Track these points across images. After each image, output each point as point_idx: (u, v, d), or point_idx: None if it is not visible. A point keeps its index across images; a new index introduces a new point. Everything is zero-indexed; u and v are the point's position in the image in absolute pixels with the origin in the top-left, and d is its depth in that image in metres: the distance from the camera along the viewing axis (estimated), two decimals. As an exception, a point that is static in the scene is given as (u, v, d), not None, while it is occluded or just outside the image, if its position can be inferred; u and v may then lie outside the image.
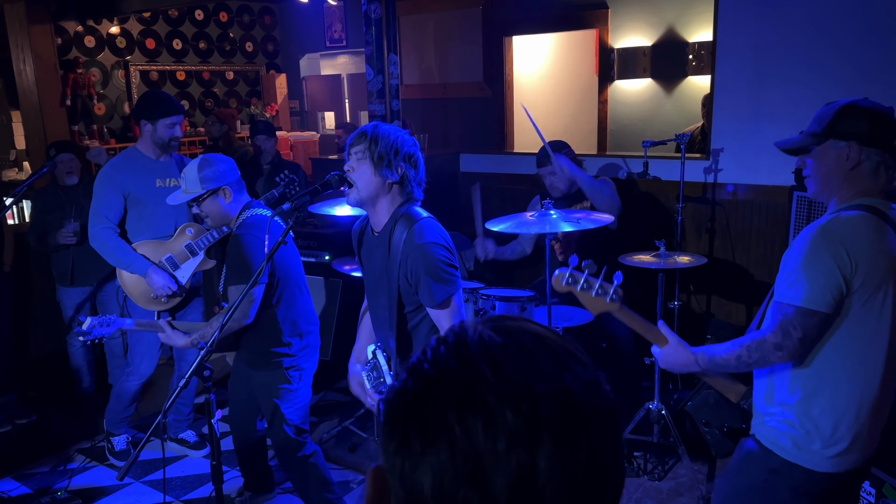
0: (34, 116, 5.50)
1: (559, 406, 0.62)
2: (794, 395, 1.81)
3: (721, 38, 3.91)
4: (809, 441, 1.79)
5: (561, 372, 0.65)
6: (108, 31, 7.00)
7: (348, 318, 4.04)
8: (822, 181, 1.83)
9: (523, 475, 0.60)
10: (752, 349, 1.77)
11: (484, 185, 4.98)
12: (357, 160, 2.15)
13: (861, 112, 1.78)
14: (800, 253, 1.74)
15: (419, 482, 0.62)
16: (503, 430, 0.60)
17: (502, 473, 0.60)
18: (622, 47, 6.07)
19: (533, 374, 0.64)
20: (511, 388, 0.62)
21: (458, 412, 0.61)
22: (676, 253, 3.33)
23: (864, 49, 3.48)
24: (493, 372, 0.63)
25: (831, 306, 1.71)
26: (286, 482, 3.36)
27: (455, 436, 0.61)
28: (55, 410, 4.32)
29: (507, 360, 0.64)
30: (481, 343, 0.66)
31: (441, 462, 0.61)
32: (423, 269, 2.11)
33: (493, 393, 0.62)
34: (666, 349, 1.91)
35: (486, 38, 5.65)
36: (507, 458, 0.60)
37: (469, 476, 0.60)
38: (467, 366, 0.64)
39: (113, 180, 3.33)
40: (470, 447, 0.60)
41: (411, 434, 0.63)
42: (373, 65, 4.00)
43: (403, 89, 5.31)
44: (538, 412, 0.61)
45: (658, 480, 3.31)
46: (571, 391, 0.64)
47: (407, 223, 2.15)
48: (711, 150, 4.04)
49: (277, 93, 8.06)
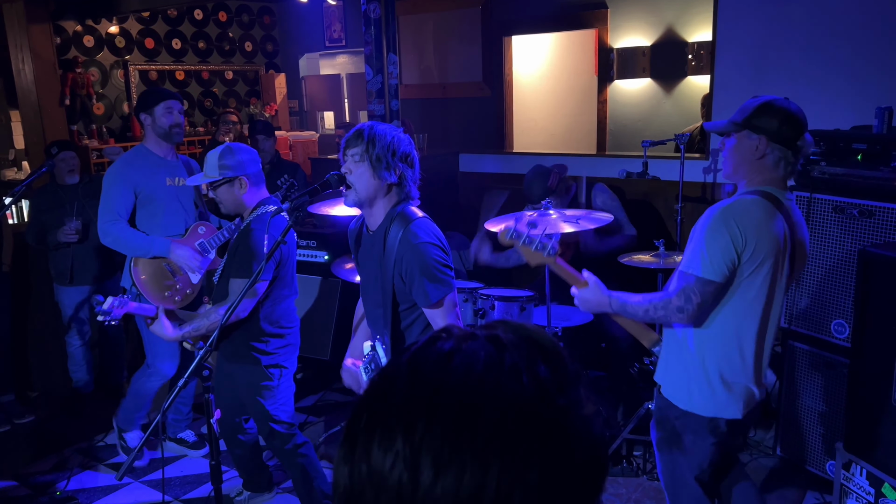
0: (33, 116, 5.49)
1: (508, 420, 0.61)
2: (690, 350, 2.10)
3: (720, 38, 3.91)
4: (702, 391, 2.09)
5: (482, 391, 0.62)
6: (107, 30, 6.99)
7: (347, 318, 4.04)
8: (734, 165, 2.10)
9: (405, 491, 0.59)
10: (658, 308, 2.05)
11: (483, 185, 5.00)
12: (354, 162, 2.14)
13: (776, 111, 2.02)
14: (703, 229, 2.00)
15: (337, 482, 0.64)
16: (391, 449, 0.60)
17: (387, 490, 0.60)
18: (621, 47, 6.07)
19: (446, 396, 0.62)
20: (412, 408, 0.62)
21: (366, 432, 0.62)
22: (675, 253, 3.33)
23: (863, 48, 3.48)
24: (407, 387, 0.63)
25: (725, 276, 1.99)
26: (285, 482, 3.36)
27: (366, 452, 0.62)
28: (54, 410, 4.32)
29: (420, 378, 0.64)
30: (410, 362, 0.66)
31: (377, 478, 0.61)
32: (417, 269, 2.11)
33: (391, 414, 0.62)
34: (584, 290, 2.14)
35: (485, 38, 5.65)
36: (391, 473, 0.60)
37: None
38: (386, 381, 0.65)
39: (125, 176, 3.28)
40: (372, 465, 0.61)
41: (356, 448, 0.63)
42: (372, 64, 4.00)
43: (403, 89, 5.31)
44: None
45: (657, 480, 3.31)
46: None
47: (402, 223, 2.15)
48: (711, 150, 4.04)
49: (277, 92, 8.05)
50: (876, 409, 2.48)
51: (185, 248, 3.26)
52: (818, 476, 3.18)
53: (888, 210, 2.81)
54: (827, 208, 3.00)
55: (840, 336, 3.01)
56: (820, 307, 3.08)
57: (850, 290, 2.87)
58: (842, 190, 2.95)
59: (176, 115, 3.36)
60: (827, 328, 3.07)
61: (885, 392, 2.44)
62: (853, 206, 2.92)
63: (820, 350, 3.10)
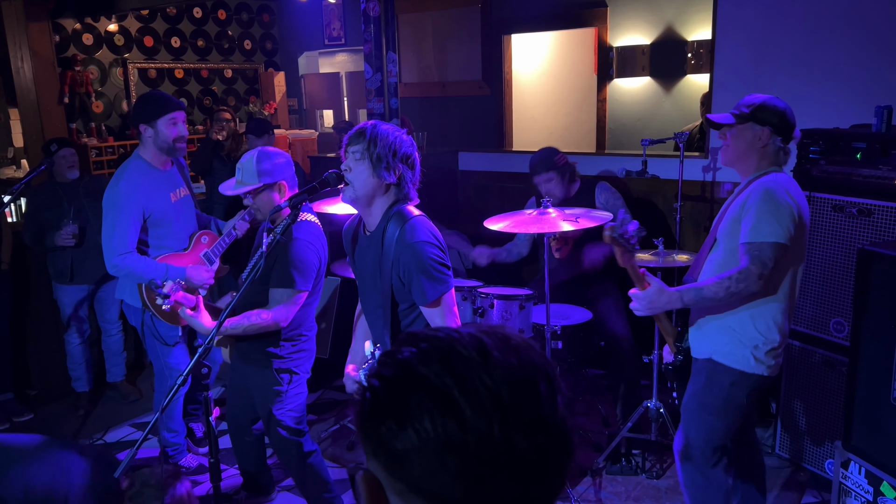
0: (32, 114, 5.49)
1: (500, 340, 0.74)
2: (742, 317, 2.33)
3: (720, 37, 3.91)
4: (759, 352, 2.34)
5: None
6: (106, 28, 6.99)
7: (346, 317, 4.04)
8: (738, 153, 2.36)
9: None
10: (739, 280, 2.20)
11: (482, 184, 5.00)
12: (355, 160, 2.14)
13: (775, 108, 2.33)
14: (763, 203, 2.23)
15: (413, 474, 0.69)
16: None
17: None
18: (621, 46, 6.06)
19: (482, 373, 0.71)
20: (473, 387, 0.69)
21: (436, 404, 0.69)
22: (675, 251, 3.33)
23: (862, 47, 3.48)
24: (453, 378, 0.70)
25: (791, 240, 2.21)
26: (285, 480, 3.36)
27: (426, 431, 0.68)
28: (53, 409, 4.32)
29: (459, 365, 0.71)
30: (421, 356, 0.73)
31: (424, 454, 0.68)
32: (415, 268, 2.10)
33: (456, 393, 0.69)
34: (650, 291, 2.29)
35: (484, 37, 5.64)
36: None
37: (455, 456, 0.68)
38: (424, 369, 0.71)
39: (135, 203, 3.03)
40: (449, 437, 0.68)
41: (385, 432, 0.70)
42: (371, 63, 4.00)
43: (402, 87, 5.30)
44: (484, 345, 0.72)
45: (656, 479, 3.31)
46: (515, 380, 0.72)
47: (399, 222, 2.15)
48: (710, 148, 4.04)
49: (276, 91, 8.05)
50: (874, 408, 2.48)
51: (199, 270, 3.12)
52: (817, 474, 3.19)
53: (887, 209, 2.81)
54: (826, 207, 3.00)
55: (839, 334, 3.02)
56: (819, 306, 3.08)
57: (849, 289, 2.87)
58: (841, 188, 2.95)
59: (181, 126, 3.13)
60: (826, 327, 3.07)
61: (883, 391, 2.44)
62: (852, 205, 2.92)
63: (819, 348, 3.10)
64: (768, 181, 2.29)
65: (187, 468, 3.51)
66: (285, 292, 2.59)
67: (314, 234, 2.67)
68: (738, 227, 2.29)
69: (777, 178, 2.30)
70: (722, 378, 2.40)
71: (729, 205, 2.42)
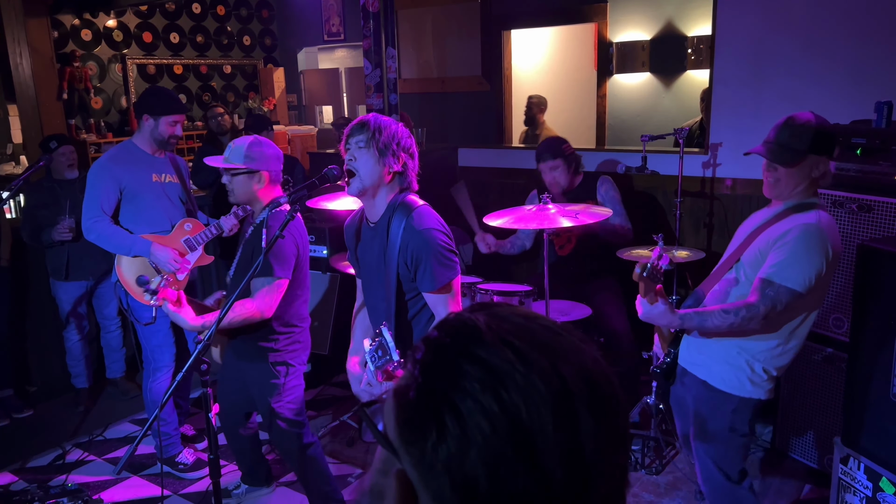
0: (31, 110, 5.48)
1: (583, 381, 0.63)
2: (747, 346, 2.26)
3: (720, 33, 3.90)
4: (755, 377, 2.28)
5: (566, 349, 0.66)
6: (105, 24, 6.97)
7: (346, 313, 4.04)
8: (795, 187, 2.20)
9: (571, 447, 0.60)
10: (745, 317, 2.14)
11: (482, 180, 4.99)
12: (359, 149, 2.15)
13: (829, 132, 2.17)
14: (799, 245, 2.12)
15: (471, 471, 0.59)
16: (545, 404, 0.59)
17: (552, 449, 0.59)
18: (621, 41, 6.06)
19: (547, 351, 0.63)
20: (536, 365, 0.61)
21: (493, 392, 0.60)
22: (675, 247, 3.33)
23: (862, 42, 3.47)
24: (513, 352, 0.62)
25: (809, 290, 2.13)
26: (285, 475, 3.37)
27: (495, 413, 0.59)
28: (52, 405, 4.32)
29: (518, 339, 0.63)
30: (486, 326, 0.65)
31: (489, 444, 0.59)
32: (423, 254, 2.12)
33: (519, 373, 0.60)
34: (654, 308, 2.21)
35: (484, 32, 5.63)
36: (554, 434, 0.59)
37: (521, 451, 0.59)
38: (483, 348, 0.63)
39: (110, 172, 3.23)
40: (517, 424, 0.59)
41: (447, 423, 0.60)
42: (371, 58, 3.99)
43: (401, 83, 5.30)
44: (568, 388, 0.61)
45: (656, 474, 3.31)
46: (586, 364, 0.65)
47: (405, 211, 2.16)
48: (710, 144, 4.04)
49: (275, 87, 8.04)
50: (874, 404, 2.48)
51: (165, 250, 3.19)
52: (816, 470, 3.19)
53: (887, 204, 2.81)
54: (826, 203, 3.00)
55: (838, 330, 3.02)
56: (818, 302, 3.08)
57: (848, 285, 2.87)
58: (841, 184, 2.95)
59: (178, 128, 3.33)
60: (825, 323, 3.07)
61: (883, 386, 2.44)
62: (852, 201, 2.92)
63: (818, 344, 3.10)
64: (813, 224, 2.14)
65: (184, 464, 3.51)
66: (265, 281, 2.59)
67: (291, 223, 2.68)
68: (763, 258, 2.20)
69: (822, 219, 2.16)
70: (723, 406, 2.33)
71: (760, 227, 2.29)
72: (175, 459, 3.51)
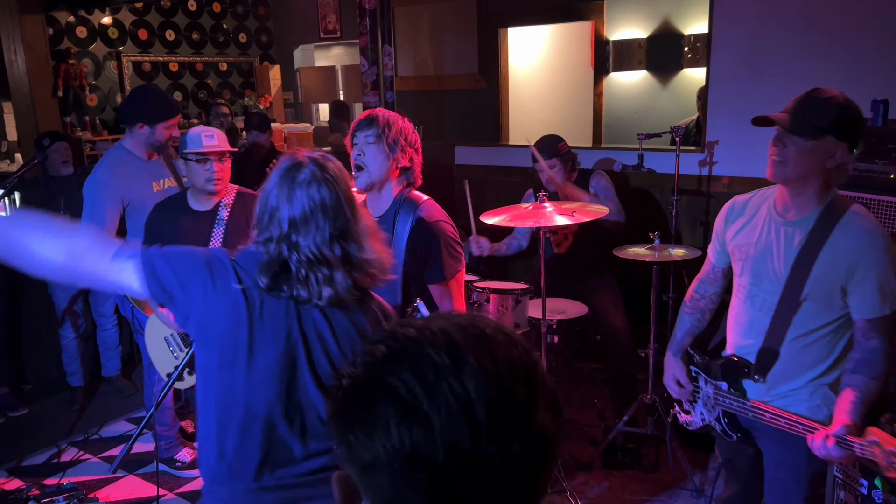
0: (26, 107, 5.46)
1: (476, 338, 0.69)
2: (832, 373, 1.92)
3: (716, 31, 3.90)
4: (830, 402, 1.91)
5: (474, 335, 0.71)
6: (100, 21, 6.94)
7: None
8: (802, 171, 1.86)
9: (457, 396, 0.65)
10: (885, 365, 1.82)
11: (479, 178, 4.98)
12: (368, 143, 2.15)
13: (856, 115, 1.84)
14: (885, 265, 1.81)
15: (376, 449, 0.66)
16: (430, 367, 0.66)
17: (440, 402, 0.65)
18: (618, 39, 6.06)
19: (450, 331, 0.70)
20: (430, 338, 0.69)
21: (391, 370, 0.67)
22: (671, 245, 3.33)
23: (860, 40, 3.47)
24: (418, 333, 0.70)
25: None
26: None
27: (394, 387, 0.66)
28: (48, 403, 4.31)
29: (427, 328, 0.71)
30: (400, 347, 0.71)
31: (390, 418, 0.65)
32: (434, 245, 2.13)
33: (414, 344, 0.69)
34: (830, 448, 1.76)
35: (481, 30, 5.62)
36: (438, 387, 0.65)
37: (415, 418, 0.65)
38: (391, 340, 0.71)
39: (111, 190, 3.06)
40: (408, 392, 0.65)
41: (358, 411, 0.68)
42: (367, 56, 3.98)
43: (398, 81, 5.29)
44: (455, 343, 0.68)
45: (652, 472, 3.31)
46: (484, 329, 0.71)
47: (412, 205, 2.18)
48: (706, 142, 4.04)
49: (271, 84, 8.01)
50: (870, 402, 2.48)
51: None
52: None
53: (884, 203, 2.81)
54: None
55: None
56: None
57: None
58: (837, 183, 2.94)
59: (175, 129, 3.20)
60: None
61: (879, 384, 2.44)
62: (848, 199, 2.91)
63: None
64: (864, 221, 1.85)
65: (181, 462, 3.50)
66: None
67: None
68: (834, 283, 1.85)
69: (864, 212, 1.88)
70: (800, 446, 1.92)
71: (787, 242, 1.93)
72: (173, 457, 3.50)
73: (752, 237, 2.02)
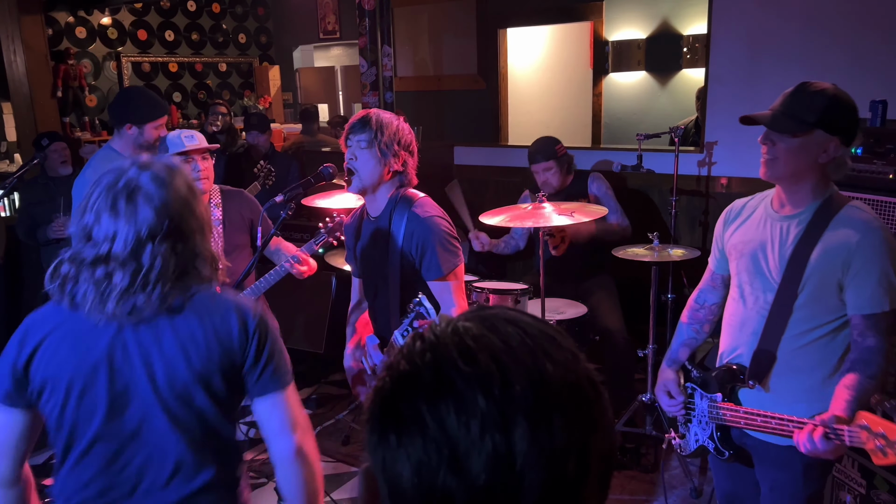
0: (25, 108, 5.46)
1: (531, 386, 0.63)
2: (831, 380, 1.83)
3: (715, 31, 3.90)
4: None
5: (535, 353, 0.65)
6: (100, 21, 6.94)
7: (341, 312, 4.04)
8: (794, 169, 1.80)
9: (499, 457, 0.60)
10: (883, 365, 1.76)
11: (478, 178, 4.99)
12: (360, 148, 2.14)
13: (847, 106, 1.78)
14: (884, 259, 1.74)
15: (398, 473, 0.63)
16: (474, 414, 0.61)
17: (478, 456, 0.60)
18: (617, 40, 6.06)
19: (505, 357, 0.64)
20: (481, 372, 0.63)
21: (429, 402, 0.62)
22: (670, 246, 3.33)
23: (858, 40, 3.48)
24: (464, 359, 0.64)
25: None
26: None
27: (427, 425, 0.61)
28: (47, 403, 4.30)
29: (479, 346, 0.65)
30: (455, 333, 0.66)
31: (416, 452, 0.62)
32: (429, 241, 2.13)
33: (462, 379, 0.62)
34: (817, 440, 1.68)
35: (480, 31, 5.63)
36: (481, 442, 0.60)
37: (445, 462, 0.61)
38: (439, 356, 0.65)
39: None
40: (443, 434, 0.61)
41: (388, 428, 0.64)
42: (366, 56, 3.99)
43: (397, 81, 5.29)
44: (510, 394, 0.62)
45: (651, 472, 3.32)
46: (543, 371, 0.64)
47: (407, 203, 2.18)
48: (705, 143, 4.04)
49: (270, 85, 8.02)
50: (868, 402, 2.48)
51: None
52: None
53: (883, 203, 2.81)
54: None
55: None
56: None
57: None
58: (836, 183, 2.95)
59: (163, 129, 3.16)
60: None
61: (877, 384, 2.44)
62: (847, 199, 2.91)
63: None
64: (863, 214, 1.79)
65: None
66: None
67: None
68: (830, 278, 1.79)
69: (863, 207, 1.83)
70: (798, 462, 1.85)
71: (781, 237, 1.87)
72: None
73: (748, 235, 1.97)
